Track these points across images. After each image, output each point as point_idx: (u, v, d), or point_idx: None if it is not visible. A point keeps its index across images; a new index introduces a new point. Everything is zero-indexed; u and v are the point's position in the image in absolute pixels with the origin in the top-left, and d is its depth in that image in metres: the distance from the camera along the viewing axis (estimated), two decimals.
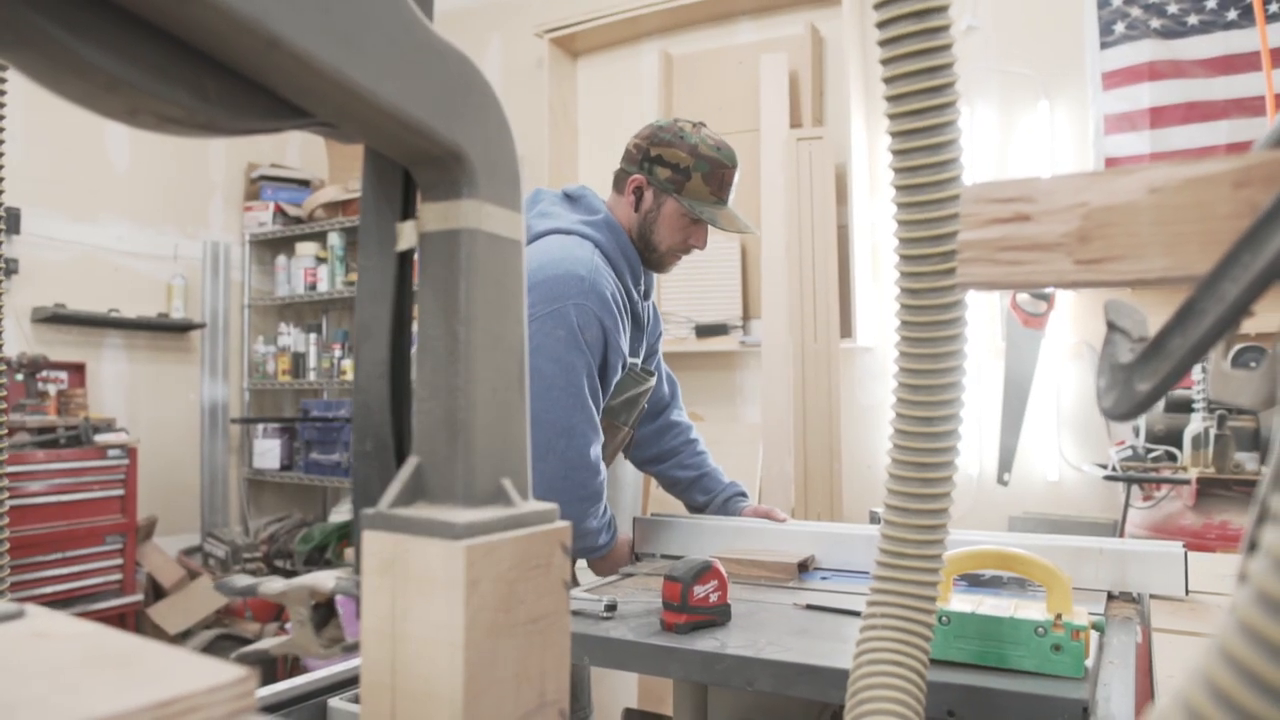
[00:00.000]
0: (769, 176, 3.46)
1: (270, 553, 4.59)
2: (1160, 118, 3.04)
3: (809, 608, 1.39)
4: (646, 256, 1.84)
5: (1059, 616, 1.02)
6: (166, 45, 0.48)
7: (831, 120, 3.69)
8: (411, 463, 0.61)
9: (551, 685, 0.62)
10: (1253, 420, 2.41)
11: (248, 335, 5.02)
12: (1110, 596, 1.43)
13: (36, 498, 3.52)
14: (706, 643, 1.20)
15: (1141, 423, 2.70)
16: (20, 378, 3.73)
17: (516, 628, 0.58)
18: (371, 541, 0.58)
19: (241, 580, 0.66)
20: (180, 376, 4.73)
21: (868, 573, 0.83)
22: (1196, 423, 2.47)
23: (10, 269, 3.87)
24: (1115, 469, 2.63)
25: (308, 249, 4.88)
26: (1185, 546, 1.42)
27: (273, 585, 0.65)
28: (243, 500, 4.94)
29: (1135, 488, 2.65)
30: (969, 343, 0.78)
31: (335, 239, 4.76)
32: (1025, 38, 3.39)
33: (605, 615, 1.33)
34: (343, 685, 1.12)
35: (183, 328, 4.62)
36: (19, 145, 3.71)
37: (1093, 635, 1.08)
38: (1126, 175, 0.54)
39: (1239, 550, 0.59)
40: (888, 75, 0.73)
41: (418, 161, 0.62)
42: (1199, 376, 2.52)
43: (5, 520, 0.97)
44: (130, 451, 3.87)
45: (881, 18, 0.72)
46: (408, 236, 0.64)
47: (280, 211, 4.94)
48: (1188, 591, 1.39)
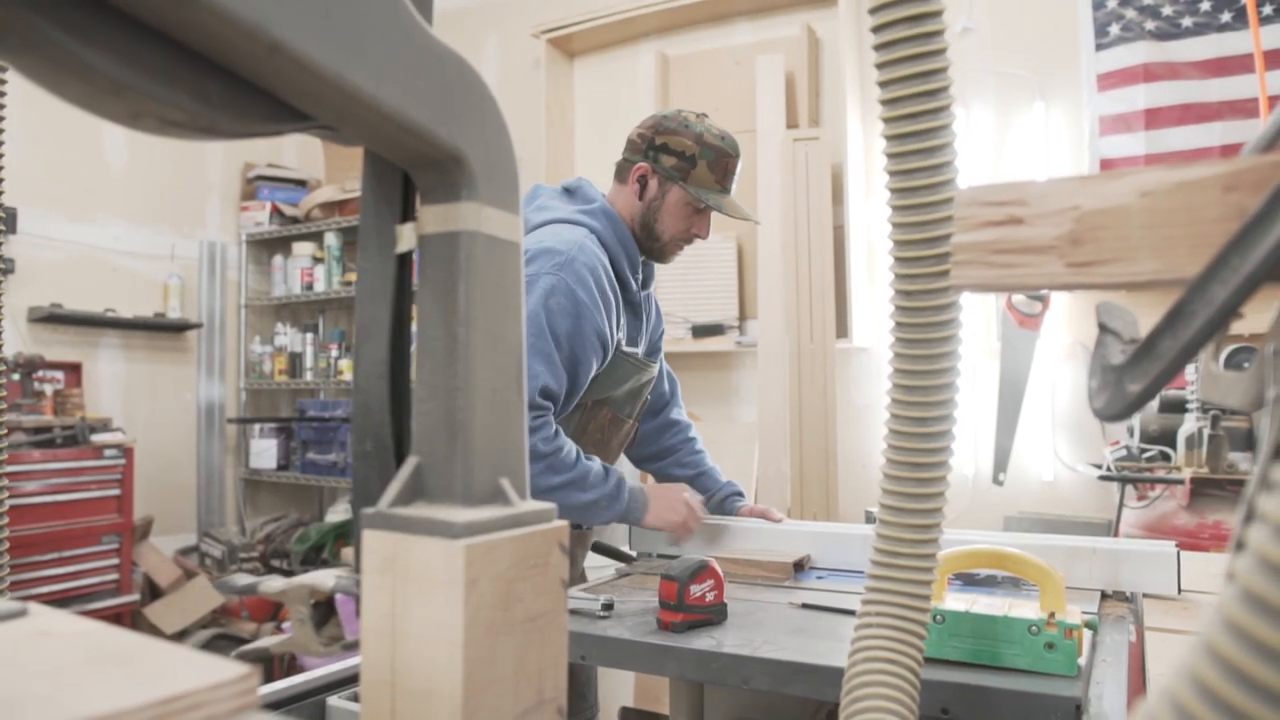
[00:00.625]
0: (765, 177, 3.47)
1: (267, 552, 4.59)
2: (1155, 119, 3.05)
3: (805, 607, 1.40)
4: (649, 246, 1.84)
5: (1052, 615, 1.03)
6: (169, 50, 0.49)
7: (828, 121, 3.70)
8: (411, 463, 0.61)
9: (549, 683, 0.63)
10: (1246, 420, 2.42)
11: (244, 335, 5.02)
12: (1104, 596, 1.43)
13: (33, 497, 3.51)
14: (703, 641, 1.20)
15: (1136, 423, 2.71)
16: (16, 377, 3.73)
17: (515, 626, 0.59)
18: (371, 540, 0.59)
19: (242, 579, 0.67)
20: (177, 376, 4.73)
21: (863, 572, 0.83)
22: (1190, 423, 2.48)
23: (7, 269, 3.86)
24: (1109, 469, 2.64)
25: (304, 249, 4.88)
26: (1178, 546, 1.43)
27: (273, 584, 0.66)
28: (239, 500, 4.94)
29: (1129, 488, 2.66)
30: (963, 343, 0.79)
31: (332, 239, 4.76)
32: (1021, 39, 3.40)
33: (602, 614, 1.34)
34: (341, 684, 1.12)
35: (179, 328, 4.62)
36: (15, 145, 3.70)
37: (1086, 634, 1.08)
38: (1117, 179, 0.54)
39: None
40: (883, 79, 0.73)
41: (417, 164, 0.62)
42: (1192, 377, 2.53)
43: (5, 520, 0.98)
44: (127, 451, 3.87)
45: (876, 22, 0.72)
46: (407, 238, 0.64)
47: (277, 211, 4.94)
48: (1180, 591, 1.40)
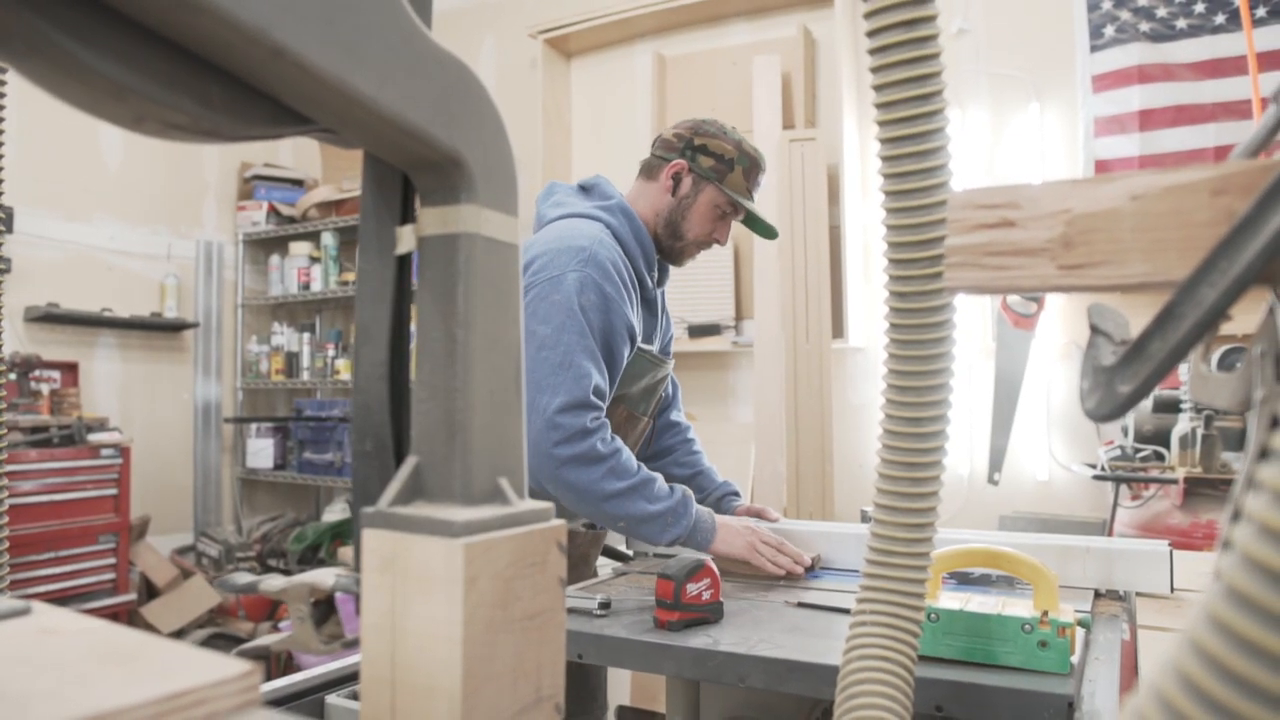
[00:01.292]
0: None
1: (263, 552, 4.59)
2: (1149, 120, 3.07)
3: (800, 605, 1.40)
4: (668, 245, 1.85)
5: (1045, 614, 1.04)
6: (172, 54, 0.49)
7: (824, 121, 3.71)
8: (410, 462, 0.62)
9: (547, 680, 0.63)
10: (1239, 420, 2.44)
11: (241, 335, 5.01)
12: (1097, 594, 1.44)
13: (29, 497, 3.52)
14: (699, 640, 1.21)
15: (1130, 423, 2.72)
16: (13, 377, 3.72)
17: (513, 624, 0.60)
18: (371, 539, 0.60)
19: (243, 578, 0.68)
20: (173, 376, 4.73)
21: (858, 571, 0.84)
22: (1184, 423, 2.49)
23: (4, 268, 3.86)
24: (1104, 469, 2.65)
25: (301, 248, 4.88)
26: (1172, 545, 1.44)
27: (274, 582, 0.66)
28: (236, 499, 4.94)
29: (1124, 487, 2.67)
30: (957, 344, 0.80)
31: (329, 238, 4.76)
32: (1016, 40, 3.41)
33: (599, 613, 1.35)
34: (339, 682, 1.13)
35: (176, 327, 4.62)
36: (12, 144, 3.70)
37: (1079, 632, 1.09)
38: (1109, 183, 0.55)
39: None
40: (877, 84, 0.74)
41: (417, 167, 0.63)
42: (1186, 377, 2.54)
43: (5, 520, 0.98)
44: (123, 451, 3.87)
45: (871, 27, 0.73)
46: (407, 240, 0.65)
47: (274, 211, 4.94)
48: (1173, 589, 1.41)
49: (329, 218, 4.77)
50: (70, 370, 4.12)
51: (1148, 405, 2.68)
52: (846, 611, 1.03)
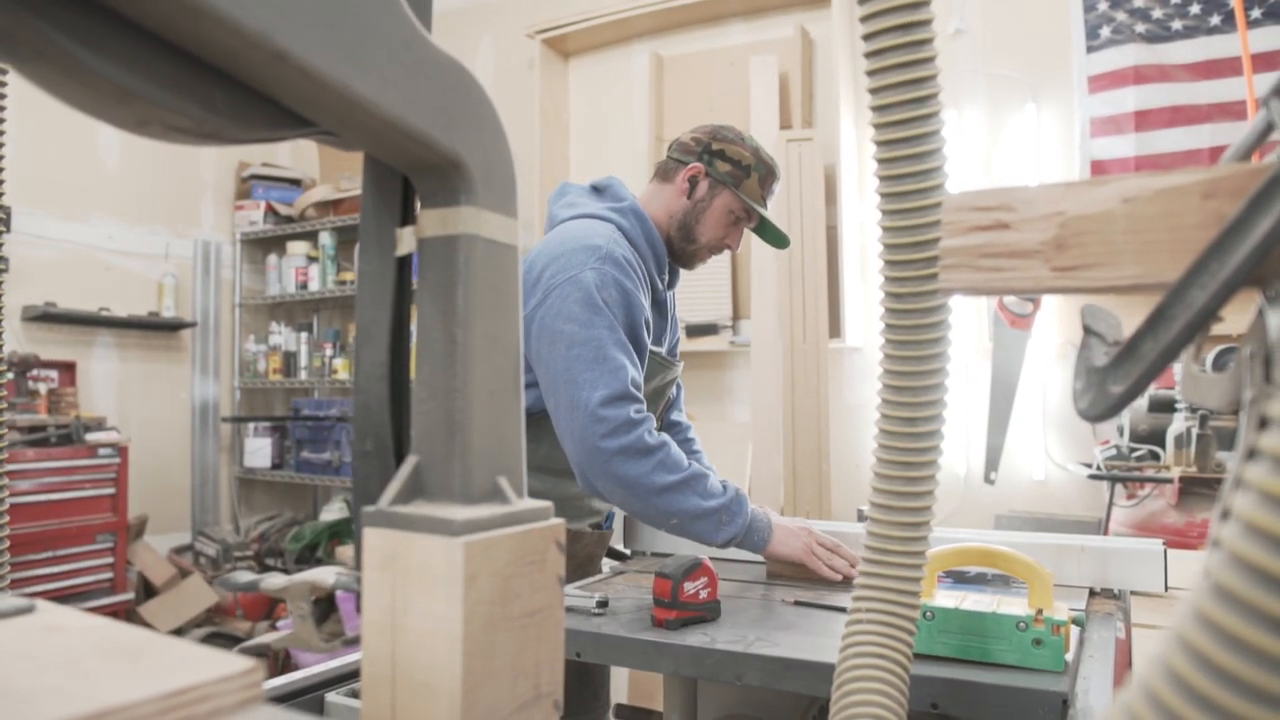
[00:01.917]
0: None
1: (261, 551, 4.59)
2: (1145, 121, 3.08)
3: (797, 604, 1.41)
4: (680, 248, 1.85)
5: (1040, 612, 1.05)
6: (176, 58, 0.50)
7: (821, 122, 3.72)
8: (411, 462, 0.63)
9: (546, 678, 0.64)
10: (1234, 420, 2.44)
11: (239, 334, 5.01)
12: (1092, 593, 1.45)
13: (27, 496, 3.52)
14: (696, 638, 1.22)
15: (1125, 422, 2.73)
16: (11, 376, 3.72)
17: (513, 621, 0.60)
18: (372, 538, 0.60)
19: (244, 576, 0.68)
20: (171, 375, 4.73)
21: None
22: (1179, 422, 2.50)
23: (3, 268, 3.86)
24: (1099, 468, 2.66)
25: (299, 248, 4.87)
26: (1166, 544, 1.45)
27: (274, 581, 0.67)
28: (234, 499, 4.94)
29: (1119, 486, 2.68)
30: (953, 345, 0.80)
31: (326, 238, 4.76)
32: (1012, 41, 3.42)
33: (597, 611, 1.35)
34: (339, 680, 1.13)
35: (174, 326, 4.62)
36: (10, 144, 3.70)
37: (1073, 630, 1.10)
38: (1101, 185, 0.56)
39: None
40: (873, 86, 0.75)
41: (417, 169, 0.64)
42: (1179, 378, 2.55)
43: (5, 519, 0.98)
44: (121, 450, 3.87)
45: (867, 30, 0.74)
46: (407, 241, 0.65)
47: (271, 210, 4.93)
48: (1167, 588, 1.42)
49: (327, 217, 4.77)
50: (68, 370, 4.12)
51: (1143, 405, 2.69)
52: (843, 610, 1.04)
